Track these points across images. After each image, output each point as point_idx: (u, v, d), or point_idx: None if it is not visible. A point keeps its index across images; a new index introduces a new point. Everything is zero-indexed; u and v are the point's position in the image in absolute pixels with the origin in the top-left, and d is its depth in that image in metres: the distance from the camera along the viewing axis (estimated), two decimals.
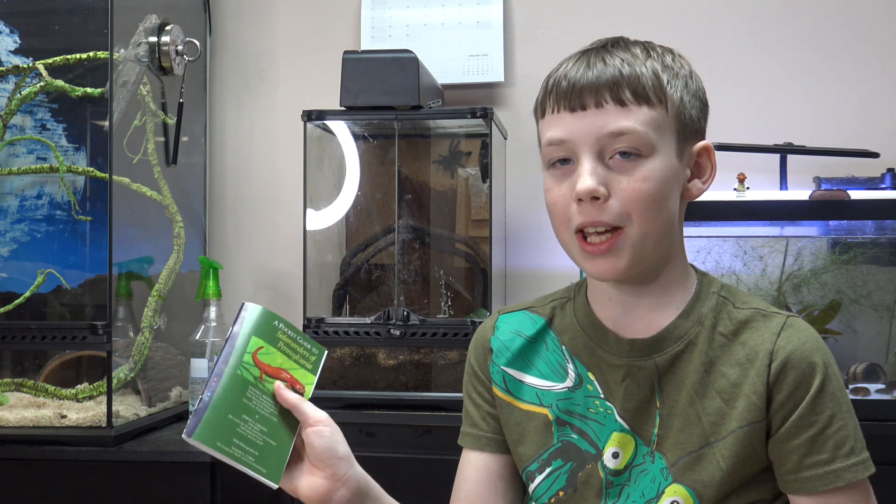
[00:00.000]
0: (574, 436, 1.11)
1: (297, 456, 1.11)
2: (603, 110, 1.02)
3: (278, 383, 1.09)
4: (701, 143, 1.09)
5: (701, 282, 1.12)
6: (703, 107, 1.10)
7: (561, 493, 1.10)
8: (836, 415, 1.03)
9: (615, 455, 1.08)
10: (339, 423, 1.91)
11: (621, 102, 1.02)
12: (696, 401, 1.06)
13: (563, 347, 1.14)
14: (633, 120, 1.02)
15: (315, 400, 2.07)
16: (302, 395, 1.10)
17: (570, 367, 1.13)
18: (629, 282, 1.08)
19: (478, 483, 1.17)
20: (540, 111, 1.09)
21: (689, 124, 1.07)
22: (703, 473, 1.04)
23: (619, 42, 1.08)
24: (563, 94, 1.04)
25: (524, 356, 1.16)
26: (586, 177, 1.01)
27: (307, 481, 1.09)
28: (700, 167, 1.10)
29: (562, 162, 1.05)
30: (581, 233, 1.04)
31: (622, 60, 1.04)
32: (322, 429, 1.10)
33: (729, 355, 1.07)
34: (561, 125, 1.04)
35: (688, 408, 1.06)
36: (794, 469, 1.03)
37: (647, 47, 1.07)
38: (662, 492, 1.05)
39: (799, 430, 1.03)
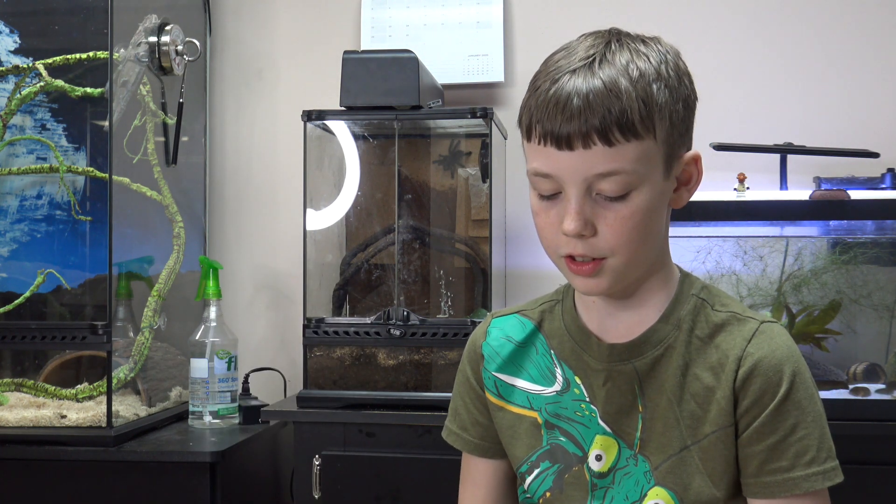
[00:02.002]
0: (562, 438, 1.12)
1: None
2: (591, 151, 0.99)
3: None
4: (689, 155, 1.07)
5: (682, 283, 1.11)
6: (690, 112, 1.06)
7: (548, 494, 1.12)
8: (799, 424, 1.03)
9: (598, 458, 1.09)
10: (339, 423, 1.92)
11: (609, 143, 0.99)
12: (674, 404, 1.06)
13: (552, 352, 1.15)
14: (621, 160, 0.99)
15: (315, 400, 2.07)
16: None
17: (558, 371, 1.13)
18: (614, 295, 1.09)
19: (481, 485, 1.20)
20: (525, 133, 1.05)
21: (676, 142, 1.04)
22: (683, 476, 1.05)
23: (605, 54, 1.02)
24: (550, 132, 1.00)
25: (515, 361, 1.17)
26: (573, 216, 1.00)
27: None
28: (687, 174, 1.08)
29: (549, 191, 1.03)
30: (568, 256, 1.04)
31: (610, 93, 0.98)
32: None
33: (704, 359, 1.07)
34: (548, 160, 1.01)
35: (667, 411, 1.07)
36: (754, 473, 1.04)
37: (635, 56, 1.02)
38: (645, 494, 1.07)
39: (761, 435, 1.03)
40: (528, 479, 1.13)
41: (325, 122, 2.09)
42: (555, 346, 1.15)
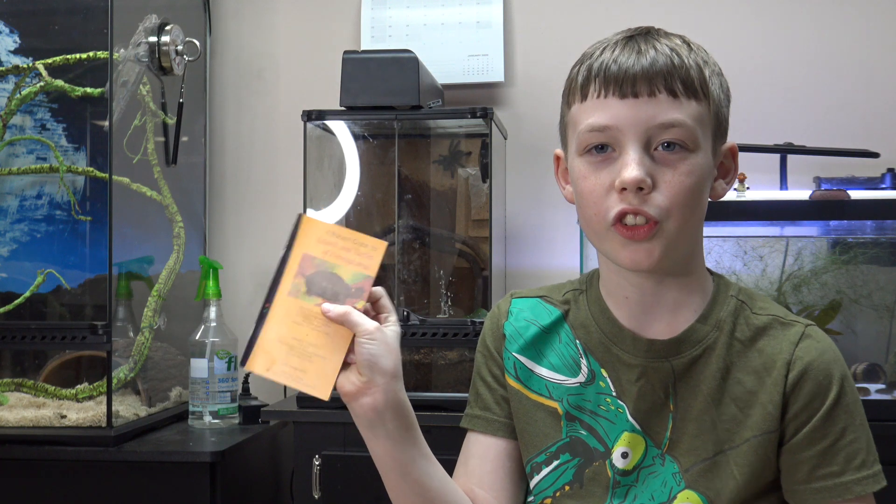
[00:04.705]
0: (583, 432, 1.10)
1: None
2: (655, 100, 1.00)
3: (325, 305, 1.04)
4: (727, 146, 1.09)
5: (718, 284, 1.11)
6: (729, 106, 1.10)
7: (567, 488, 1.09)
8: (848, 427, 1.03)
9: (624, 455, 1.07)
10: (339, 423, 1.91)
11: (673, 94, 1.00)
12: (711, 407, 1.05)
13: (578, 342, 1.12)
14: (683, 113, 1.01)
15: (315, 400, 2.05)
16: (360, 295, 1.05)
17: (584, 362, 1.11)
18: (651, 278, 1.07)
19: (486, 460, 1.14)
20: (580, 95, 1.04)
21: (722, 123, 1.07)
22: (716, 481, 1.04)
23: (659, 31, 1.07)
24: (613, 80, 1.01)
25: (536, 346, 1.14)
26: (634, 166, 0.99)
27: (346, 375, 1.05)
28: (724, 168, 1.10)
29: (598, 149, 1.02)
30: (619, 221, 1.01)
31: (671, 50, 1.02)
32: (365, 342, 1.02)
33: (745, 362, 1.06)
34: (607, 111, 1.01)
35: (703, 414, 1.05)
36: (804, 479, 1.03)
37: (685, 40, 1.06)
38: (674, 497, 1.05)
39: (812, 441, 1.02)
40: (546, 470, 1.11)
41: (325, 122, 2.09)
42: (581, 337, 1.12)
